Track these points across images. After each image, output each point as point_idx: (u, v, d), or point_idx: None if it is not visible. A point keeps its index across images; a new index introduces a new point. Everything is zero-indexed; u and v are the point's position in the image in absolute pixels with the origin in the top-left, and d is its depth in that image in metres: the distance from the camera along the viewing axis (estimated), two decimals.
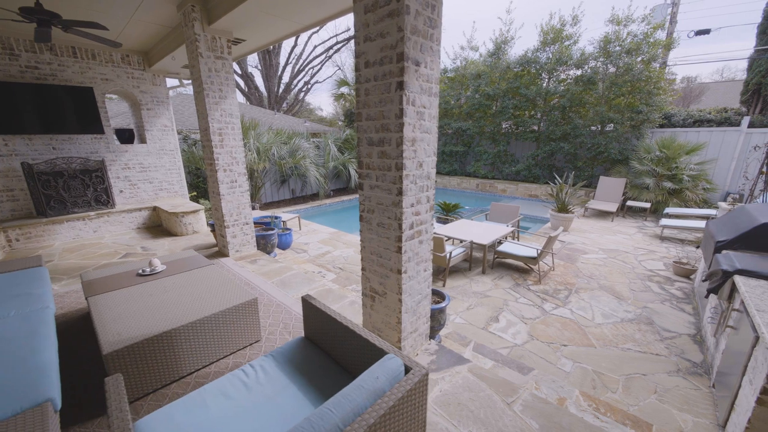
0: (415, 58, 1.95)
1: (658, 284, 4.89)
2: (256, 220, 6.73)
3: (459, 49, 13.59)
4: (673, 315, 4.07)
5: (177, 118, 9.99)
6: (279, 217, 6.93)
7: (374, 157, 2.19)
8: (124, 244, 5.40)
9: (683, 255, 5.95)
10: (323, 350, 1.97)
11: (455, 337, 3.39)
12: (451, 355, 2.57)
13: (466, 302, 4.37)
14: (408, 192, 2.13)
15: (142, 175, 6.50)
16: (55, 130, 5.42)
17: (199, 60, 3.99)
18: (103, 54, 5.73)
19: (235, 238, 4.72)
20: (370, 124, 2.15)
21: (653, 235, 7.20)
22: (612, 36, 9.64)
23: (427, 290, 2.55)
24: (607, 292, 4.66)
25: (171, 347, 2.23)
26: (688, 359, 3.28)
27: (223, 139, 4.36)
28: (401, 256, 2.21)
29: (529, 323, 3.88)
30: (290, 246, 6.54)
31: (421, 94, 2.06)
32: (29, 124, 5.20)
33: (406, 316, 2.38)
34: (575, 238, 6.95)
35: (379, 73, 2.01)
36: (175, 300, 2.57)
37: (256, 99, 20.88)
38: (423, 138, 2.16)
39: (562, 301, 4.38)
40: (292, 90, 21.79)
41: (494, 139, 12.56)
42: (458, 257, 5.15)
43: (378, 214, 2.28)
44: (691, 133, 9.21)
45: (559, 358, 3.28)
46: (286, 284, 3.91)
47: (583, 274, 5.21)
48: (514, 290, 4.71)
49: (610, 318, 4.00)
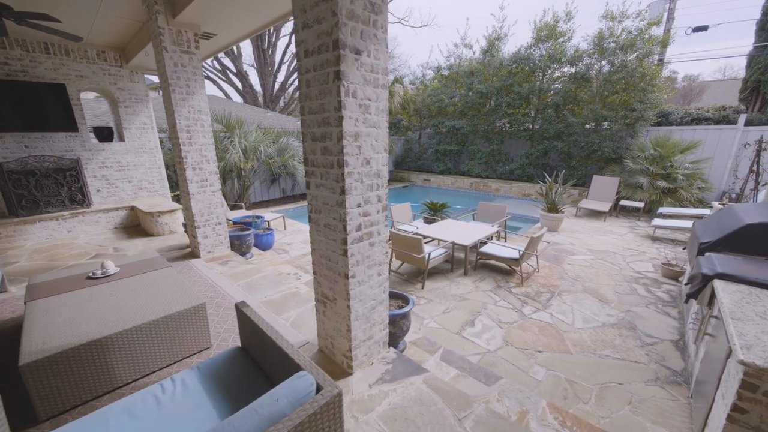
0: (354, 45, 1.80)
1: (644, 287, 4.72)
2: (238, 220, 6.60)
3: (453, 47, 13.44)
4: (657, 319, 3.90)
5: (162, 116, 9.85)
6: (262, 217, 6.78)
7: (318, 154, 2.04)
8: (97, 245, 5.27)
9: (673, 256, 5.77)
10: (256, 362, 1.83)
11: (424, 344, 3.24)
12: (408, 365, 2.42)
13: (444, 305, 4.21)
14: (352, 191, 1.98)
15: (120, 173, 6.37)
16: (26, 127, 5.29)
17: (164, 54, 3.85)
18: (77, 50, 5.60)
19: (207, 239, 4.58)
20: (312, 119, 2.01)
21: (645, 235, 7.03)
22: (606, 32, 9.45)
23: (382, 296, 2.39)
24: (591, 294, 4.50)
25: (103, 356, 2.09)
26: (668, 367, 3.12)
27: (192, 137, 4.21)
28: (348, 259, 2.06)
29: (506, 328, 3.72)
30: (272, 246, 6.40)
31: (364, 85, 1.90)
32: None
33: (356, 323, 2.23)
34: (564, 238, 6.78)
35: (318, 63, 1.86)
36: (117, 305, 2.43)
37: (251, 98, 20.75)
38: (369, 133, 2.00)
39: (543, 305, 4.22)
40: (288, 89, 21.64)
41: (488, 137, 12.39)
42: (439, 258, 5.00)
43: (324, 214, 2.13)
44: (686, 131, 9.02)
45: (531, 366, 3.13)
46: (253, 287, 3.77)
47: (568, 276, 5.05)
48: (495, 293, 4.55)
49: (591, 322, 3.84)
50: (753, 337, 1.88)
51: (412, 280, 4.93)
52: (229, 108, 11.55)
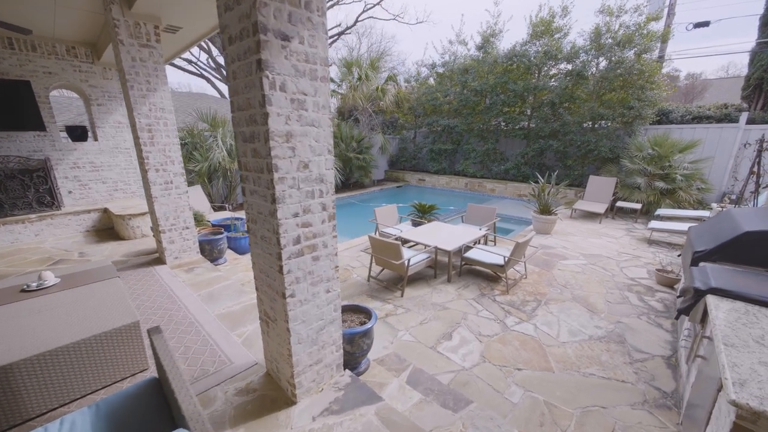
0: (280, 30, 1.54)
1: (637, 295, 4.45)
2: (217, 222, 6.36)
3: (448, 44, 13.15)
4: (649, 332, 3.63)
5: None
6: (242, 219, 6.53)
7: (249, 156, 1.78)
8: (62, 249, 5.03)
9: (669, 261, 5.49)
10: (165, 397, 1.57)
11: (391, 361, 2.99)
12: (362, 392, 2.16)
13: (421, 315, 3.96)
14: (286, 199, 1.72)
15: (93, 174, 6.13)
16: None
17: (120, 48, 3.60)
18: (44, 46, 5.35)
19: (173, 244, 4.33)
20: (240, 116, 1.75)
21: (641, 238, 6.74)
22: (603, 28, 9.14)
23: (332, 314, 2.14)
24: (580, 303, 4.23)
25: (8, 385, 1.84)
26: (658, 387, 2.86)
27: (154, 136, 3.96)
28: (284, 276, 1.80)
29: (485, 341, 3.46)
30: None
31: (296, 77, 1.65)
32: None
33: (299, 347, 1.98)
34: (556, 241, 6.50)
35: (241, 51, 1.60)
36: (37, 325, 2.19)
37: None
38: (306, 132, 1.74)
39: (528, 315, 3.96)
40: None
41: (483, 136, 12.11)
42: (421, 264, 4.74)
43: (260, 225, 1.87)
44: (686, 130, 8.71)
45: (508, 386, 2.87)
46: (214, 297, 3.52)
47: (558, 283, 4.78)
48: (478, 301, 4.29)
49: (577, 335, 3.57)
50: (748, 370, 1.62)
51: (391, 287, 4.68)
52: (216, 106, 11.28)
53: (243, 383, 2.24)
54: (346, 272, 5.15)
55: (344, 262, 5.50)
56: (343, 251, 5.99)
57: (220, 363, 2.43)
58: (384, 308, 4.11)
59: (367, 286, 4.71)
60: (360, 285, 4.75)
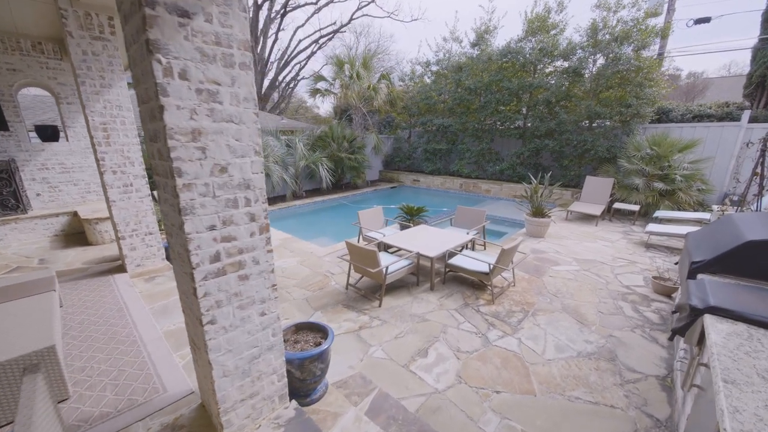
0: (175, 3, 1.25)
1: (632, 305, 4.16)
2: None
3: (442, 41, 12.85)
4: (643, 348, 3.34)
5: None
6: None
7: (156, 158, 1.50)
8: (24, 256, 4.77)
9: (667, 267, 5.19)
10: None
11: (355, 384, 2.70)
12: (305, 429, 1.88)
13: (398, 328, 3.67)
14: (197, 210, 1.44)
15: (64, 176, 5.87)
16: None
17: (69, 41, 3.33)
18: (7, 41, 5.09)
19: (135, 251, 4.06)
20: (144, 110, 1.47)
21: (639, 242, 6.44)
22: (600, 23, 8.84)
23: (270, 340, 1.86)
24: (570, 314, 3.94)
25: None
26: (651, 414, 2.56)
27: (110, 136, 3.69)
28: (199, 301, 1.52)
29: (463, 358, 3.17)
30: None
31: (203, 62, 1.36)
32: None
33: (225, 381, 1.69)
34: (549, 245, 6.21)
35: (133, 30, 1.32)
36: None
37: None
38: (222, 130, 1.46)
39: (513, 328, 3.67)
40: (278, 86, 21.14)
41: (478, 136, 11.81)
42: (402, 271, 4.45)
43: (175, 239, 1.59)
44: (685, 129, 8.40)
45: (484, 412, 2.58)
46: (168, 311, 3.24)
47: (548, 291, 4.49)
48: (460, 312, 4.00)
49: (565, 351, 3.28)
50: (752, 417, 1.33)
51: (370, 296, 4.39)
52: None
53: (171, 417, 1.96)
54: (325, 279, 4.87)
55: (324, 269, 5.22)
56: (324, 257, 5.71)
57: (152, 391, 2.16)
58: (359, 320, 3.83)
59: (345, 295, 4.43)
60: (337, 294, 4.47)
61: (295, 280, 4.86)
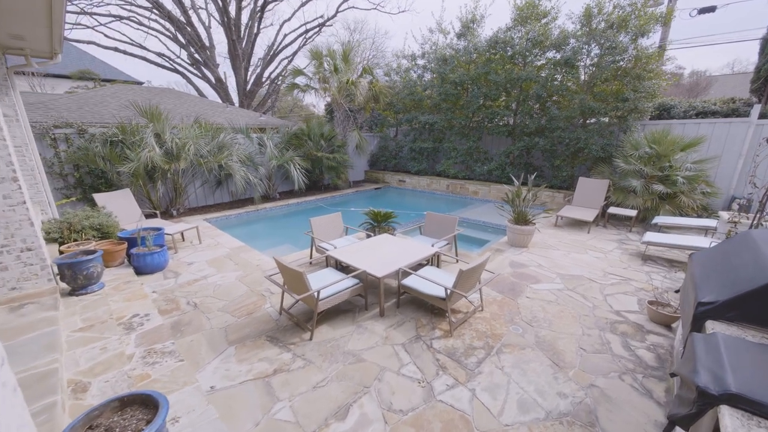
0: None
1: (622, 338, 3.37)
2: (125, 235, 5.32)
3: (428, 33, 12.04)
4: (632, 405, 2.55)
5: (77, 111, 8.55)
6: (161, 230, 5.48)
7: None
8: None
9: (667, 287, 4.40)
10: None
11: None
12: None
13: (323, 372, 2.89)
14: None
15: None
16: None
17: None
18: None
19: (6, 271, 3.28)
20: None
21: (635, 252, 5.65)
22: (594, 8, 8.03)
23: None
24: (545, 352, 3.16)
25: None
26: None
27: None
28: None
29: (393, 422, 2.39)
30: (164, 267, 5.13)
31: None
32: None
33: None
34: (532, 257, 5.41)
35: None
36: None
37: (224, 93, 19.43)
38: None
39: (469, 373, 2.88)
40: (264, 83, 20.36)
41: (464, 133, 11.02)
42: (343, 294, 3.67)
43: None
44: (688, 126, 7.59)
45: None
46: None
47: (521, 318, 3.70)
48: (407, 348, 3.22)
49: (530, 412, 2.49)
50: None
51: (303, 324, 3.61)
52: (158, 99, 10.20)
53: None
54: (259, 301, 4.09)
55: (264, 286, 4.45)
56: (273, 269, 4.93)
57: None
58: (277, 359, 3.05)
59: (275, 323, 3.65)
60: (266, 321, 3.69)
61: (224, 301, 4.09)
